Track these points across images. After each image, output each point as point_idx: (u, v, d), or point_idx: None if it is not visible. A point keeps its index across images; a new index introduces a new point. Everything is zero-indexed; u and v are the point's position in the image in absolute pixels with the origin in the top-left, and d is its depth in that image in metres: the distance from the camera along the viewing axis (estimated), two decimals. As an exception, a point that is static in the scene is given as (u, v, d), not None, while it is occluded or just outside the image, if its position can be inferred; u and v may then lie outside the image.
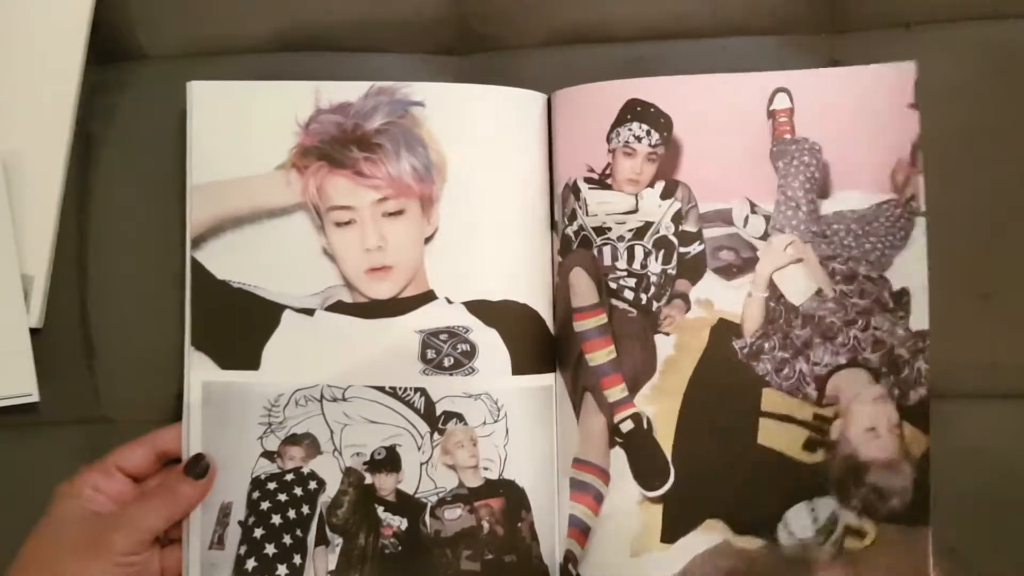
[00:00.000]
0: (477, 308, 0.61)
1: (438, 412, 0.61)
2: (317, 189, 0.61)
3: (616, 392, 0.60)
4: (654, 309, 0.61)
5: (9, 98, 0.64)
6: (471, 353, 0.61)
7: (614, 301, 0.61)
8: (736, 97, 0.61)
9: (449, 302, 0.61)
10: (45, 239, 0.64)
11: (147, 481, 0.60)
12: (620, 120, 0.61)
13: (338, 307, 0.61)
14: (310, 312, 0.61)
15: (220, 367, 0.61)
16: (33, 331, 0.63)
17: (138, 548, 0.55)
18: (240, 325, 0.61)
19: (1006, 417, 0.62)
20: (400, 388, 0.61)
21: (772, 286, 0.61)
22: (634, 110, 0.61)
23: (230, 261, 0.61)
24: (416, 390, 0.61)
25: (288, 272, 0.61)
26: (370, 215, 0.61)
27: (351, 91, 0.62)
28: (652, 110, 0.61)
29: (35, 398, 0.63)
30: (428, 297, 0.61)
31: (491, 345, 0.61)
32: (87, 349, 0.65)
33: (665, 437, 0.60)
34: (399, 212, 0.61)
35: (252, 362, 0.61)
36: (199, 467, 0.59)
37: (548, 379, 0.62)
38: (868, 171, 0.60)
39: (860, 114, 0.61)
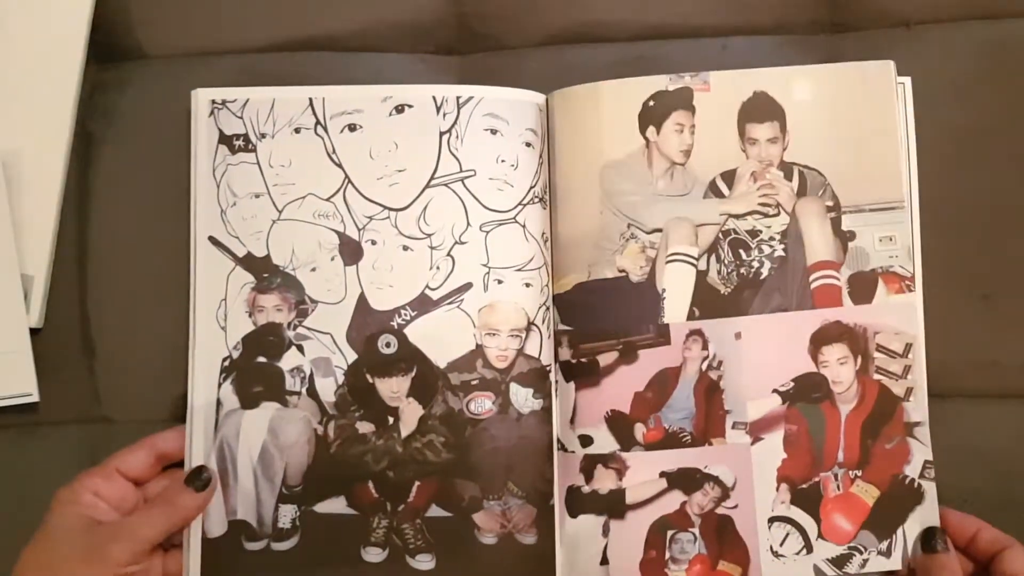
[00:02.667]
0: None
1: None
2: None
3: None
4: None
5: (9, 98, 0.64)
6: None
7: None
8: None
9: None
10: (45, 239, 0.64)
11: (147, 486, 0.60)
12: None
13: None
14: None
15: None
16: (33, 331, 0.63)
17: (137, 558, 0.55)
18: None
19: (1006, 417, 0.62)
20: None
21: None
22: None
23: None
24: None
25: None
26: None
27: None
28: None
29: (35, 398, 0.63)
30: None
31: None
32: (87, 349, 0.65)
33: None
34: None
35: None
36: (201, 479, 0.59)
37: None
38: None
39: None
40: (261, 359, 0.62)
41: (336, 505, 0.61)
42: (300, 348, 0.62)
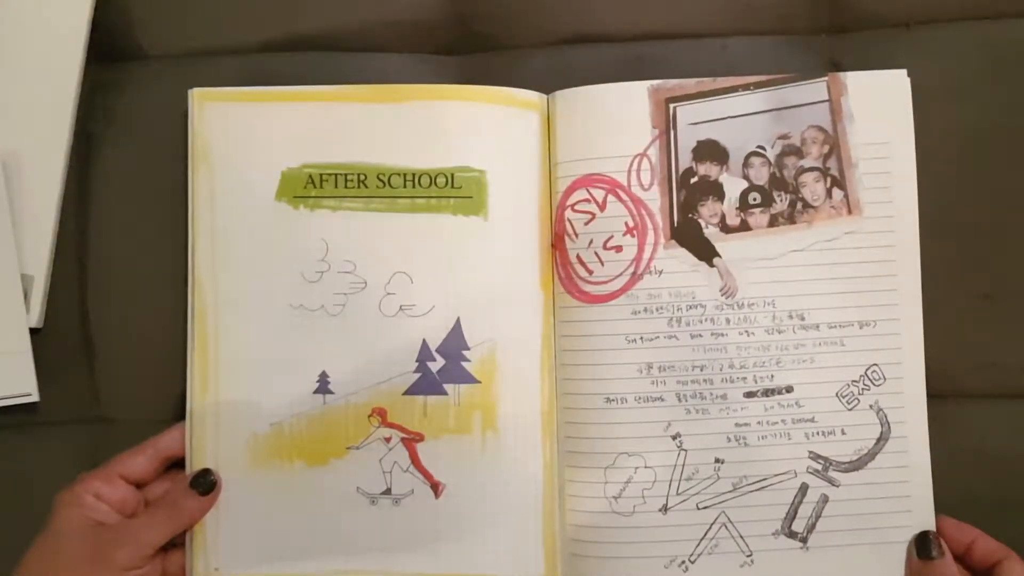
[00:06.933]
0: None
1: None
2: None
3: None
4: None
5: (9, 98, 0.64)
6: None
7: None
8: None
9: None
10: (45, 239, 0.64)
11: (150, 487, 0.60)
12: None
13: None
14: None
15: None
16: (33, 331, 0.63)
17: (141, 562, 0.56)
18: None
19: (1006, 417, 0.62)
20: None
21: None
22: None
23: None
24: None
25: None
26: None
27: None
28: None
29: (35, 398, 0.63)
30: None
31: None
32: (87, 349, 0.65)
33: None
34: None
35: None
36: (205, 482, 0.59)
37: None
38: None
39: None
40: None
41: None
42: None
